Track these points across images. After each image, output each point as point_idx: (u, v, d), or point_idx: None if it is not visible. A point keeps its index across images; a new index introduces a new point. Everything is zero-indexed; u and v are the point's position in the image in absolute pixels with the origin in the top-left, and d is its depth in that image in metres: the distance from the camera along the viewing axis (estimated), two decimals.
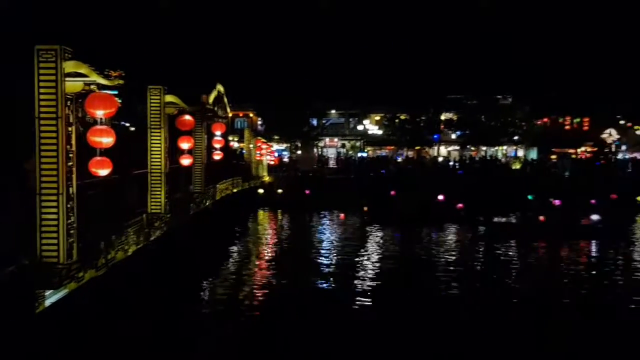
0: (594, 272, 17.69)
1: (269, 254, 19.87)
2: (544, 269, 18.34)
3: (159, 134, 14.18)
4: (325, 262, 18.25)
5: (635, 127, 61.94)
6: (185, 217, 17.15)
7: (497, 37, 58.01)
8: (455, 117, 55.41)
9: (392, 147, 57.68)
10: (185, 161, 17.39)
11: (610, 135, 61.46)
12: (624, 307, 13.58)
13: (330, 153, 58.45)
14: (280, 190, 34.71)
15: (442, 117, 55.86)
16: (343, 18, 59.47)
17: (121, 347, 9.60)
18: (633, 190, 32.45)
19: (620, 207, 30.39)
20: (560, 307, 13.54)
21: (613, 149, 60.58)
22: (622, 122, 64.59)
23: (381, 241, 21.84)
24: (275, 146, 53.65)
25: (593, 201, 30.88)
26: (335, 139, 60.66)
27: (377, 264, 17.72)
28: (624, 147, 62.94)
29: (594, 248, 21.20)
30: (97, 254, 9.86)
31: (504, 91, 54.30)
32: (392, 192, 32.60)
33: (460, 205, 28.64)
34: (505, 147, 58.56)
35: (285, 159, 53.15)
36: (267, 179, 37.79)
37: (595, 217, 23.34)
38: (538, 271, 18.01)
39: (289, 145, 55.91)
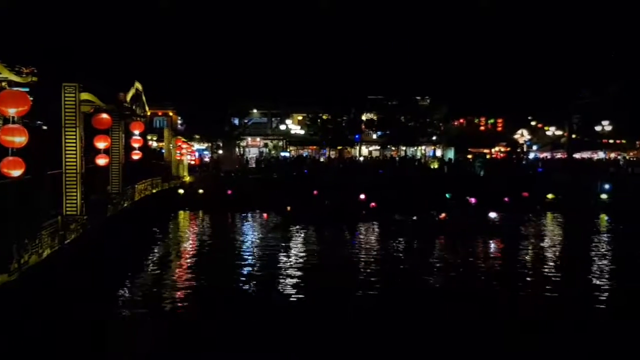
0: (469, 262, 18.34)
1: (189, 256, 19.49)
2: (416, 263, 18.55)
3: (73, 133, 13.68)
4: (246, 262, 18.10)
5: (546, 128, 65.20)
6: (102, 219, 16.65)
7: (416, 38, 59.48)
8: (376, 118, 56.42)
9: (315, 147, 58.12)
10: (102, 161, 16.90)
11: (523, 135, 64.47)
12: (481, 292, 14.63)
13: (253, 153, 58.24)
14: (201, 191, 34.19)
15: (364, 117, 56.75)
16: (265, 16, 59.27)
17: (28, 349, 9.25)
18: (543, 188, 34.04)
19: (530, 205, 31.84)
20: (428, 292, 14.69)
21: (525, 149, 63.56)
22: (533, 123, 67.88)
23: (303, 241, 21.90)
24: (196, 146, 52.83)
25: (506, 199, 32.19)
26: (258, 139, 60.44)
27: (299, 264, 17.73)
28: (535, 147, 66.19)
29: (482, 243, 21.64)
30: (9, 258, 9.44)
31: (422, 92, 55.76)
32: (315, 192, 32.83)
33: (373, 204, 29.11)
34: (424, 147, 60.26)
35: (207, 159, 52.51)
36: (187, 179, 37.15)
37: (493, 214, 24.06)
38: (412, 265, 18.30)
39: (210, 144, 55.23)
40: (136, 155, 21.79)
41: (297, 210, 27.34)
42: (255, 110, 58.18)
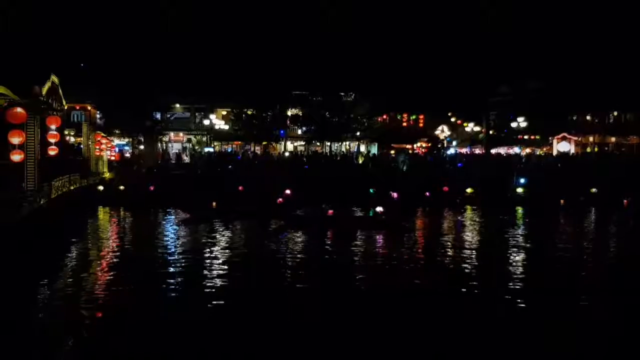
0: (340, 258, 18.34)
1: (108, 255, 18.71)
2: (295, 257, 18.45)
3: None
4: (167, 262, 17.56)
5: (465, 124, 67.40)
6: (17, 217, 15.83)
7: (339, 34, 60.05)
8: (301, 113, 56.55)
9: (239, 142, 57.66)
10: (16, 157, 16.07)
11: (443, 131, 66.41)
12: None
13: (176, 148, 57.12)
14: (122, 187, 33.14)
15: (289, 113, 56.77)
16: (188, 9, 58.24)
17: None
18: (463, 183, 35.14)
19: (450, 199, 32.81)
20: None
21: (445, 144, 65.45)
22: (453, 119, 70.04)
23: (226, 239, 21.53)
24: (116, 141, 51.39)
25: (427, 193, 33.04)
26: (181, 134, 59.36)
27: (220, 262, 17.40)
28: (454, 143, 68.28)
29: (365, 238, 21.51)
30: None
31: (346, 88, 56.33)
32: (240, 188, 32.54)
33: (280, 199, 28.76)
34: (348, 143, 60.97)
35: (127, 154, 51.09)
36: (107, 175, 35.96)
37: (379, 209, 24.41)
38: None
39: (131, 140, 53.71)
40: (53, 151, 20.90)
41: (221, 206, 26.98)
42: (178, 105, 57.07)
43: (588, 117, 67.59)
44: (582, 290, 14.27)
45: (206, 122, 56.32)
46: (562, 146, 57.50)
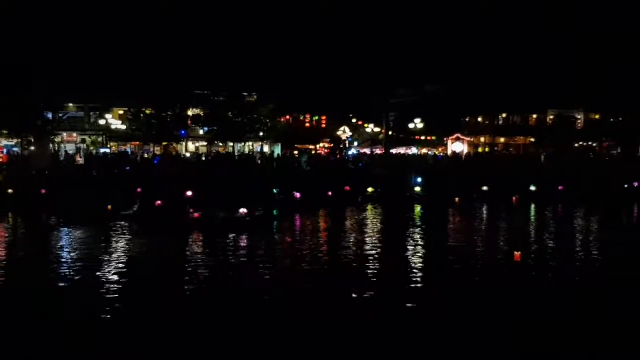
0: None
1: None
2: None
3: None
4: (61, 266, 16.69)
5: (365, 125, 68.82)
6: None
7: (242, 35, 59.52)
8: (202, 113, 55.53)
9: (138, 143, 55.79)
10: None
11: (344, 132, 67.46)
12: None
13: (69, 148, 54.38)
14: (10, 190, 31.12)
15: (190, 113, 55.59)
16: (82, 4, 55.60)
17: None
18: (364, 182, 35.78)
19: (352, 198, 33.32)
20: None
21: (347, 145, 66.53)
22: (354, 120, 71.35)
23: (121, 243, 20.68)
24: (4, 142, 48.39)
25: (329, 193, 33.36)
26: (74, 134, 56.62)
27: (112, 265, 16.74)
28: (355, 143, 69.56)
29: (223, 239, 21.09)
30: None
31: (249, 89, 55.96)
32: (139, 190, 31.48)
33: (158, 202, 27.98)
34: (251, 143, 60.56)
35: (16, 155, 48.14)
36: None
37: (243, 210, 24.37)
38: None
39: (19, 140, 50.63)
40: None
41: (118, 208, 25.91)
42: (71, 104, 54.41)
43: (479, 119, 71.10)
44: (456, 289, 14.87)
45: (102, 121, 54.01)
46: (456, 146, 60.11)
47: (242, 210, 23.99)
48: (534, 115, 68.62)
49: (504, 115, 69.83)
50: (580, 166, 44.01)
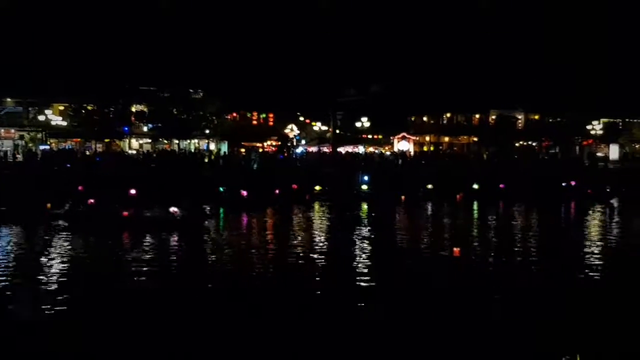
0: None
1: None
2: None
3: None
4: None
5: (313, 123, 68.95)
6: None
7: (189, 31, 58.75)
8: (147, 109, 54.41)
9: (79, 140, 54.22)
10: None
11: (292, 130, 67.36)
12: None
13: (7, 146, 52.38)
14: None
15: (133, 109, 54.38)
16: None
17: None
18: (310, 180, 35.86)
19: (300, 196, 33.34)
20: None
21: (294, 143, 66.44)
22: (302, 118, 71.38)
23: (65, 244, 20.05)
24: None
25: (277, 191, 33.28)
26: (12, 130, 54.52)
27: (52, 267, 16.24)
28: (303, 142, 69.56)
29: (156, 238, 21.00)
30: None
31: (195, 85, 55.21)
32: (80, 188, 30.62)
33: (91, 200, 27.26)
34: (197, 141, 59.74)
35: None
36: None
37: (173, 209, 24.06)
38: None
39: None
40: None
41: (56, 207, 25.10)
42: (8, 99, 52.45)
43: (425, 119, 72.34)
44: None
45: (41, 117, 52.22)
46: (402, 145, 60.93)
47: (173, 209, 23.51)
48: (477, 116, 70.25)
49: (448, 115, 71.24)
50: (521, 165, 45.33)
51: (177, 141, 55.75)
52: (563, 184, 37.23)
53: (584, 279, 15.18)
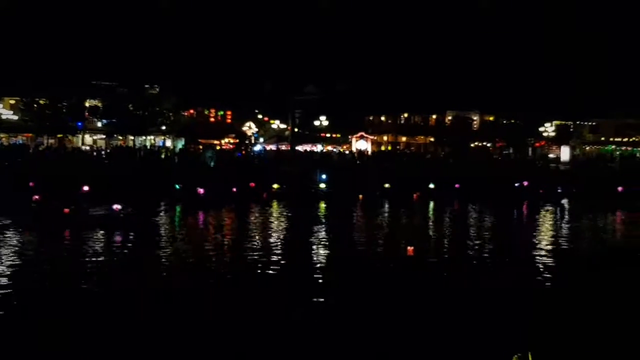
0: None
1: None
2: None
3: None
4: None
5: (271, 121, 68.76)
6: None
7: (145, 26, 57.78)
8: (101, 105, 53.31)
9: (30, 135, 52.74)
10: None
11: (250, 128, 67.05)
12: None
13: None
14: None
15: (87, 104, 53.21)
16: None
17: None
18: (270, 178, 35.72)
19: (257, 195, 33.17)
20: None
21: (253, 141, 66.18)
22: (260, 116, 71.11)
23: (18, 243, 19.43)
24: None
25: (234, 189, 33.04)
26: None
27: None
28: (261, 140, 69.33)
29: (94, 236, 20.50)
30: None
31: (151, 81, 54.39)
32: (31, 184, 29.84)
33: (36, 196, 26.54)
34: (153, 137, 58.87)
35: None
36: None
37: (117, 206, 23.60)
38: None
39: None
40: None
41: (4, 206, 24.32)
42: None
43: (382, 118, 72.98)
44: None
45: None
46: (360, 144, 61.32)
47: (116, 206, 22.90)
48: (434, 116, 71.25)
49: (405, 115, 72.05)
50: (476, 165, 46.15)
51: (132, 137, 54.81)
52: (516, 184, 38.06)
53: (534, 277, 15.50)
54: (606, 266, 17.54)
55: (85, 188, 28.46)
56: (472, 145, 66.58)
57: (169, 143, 58.94)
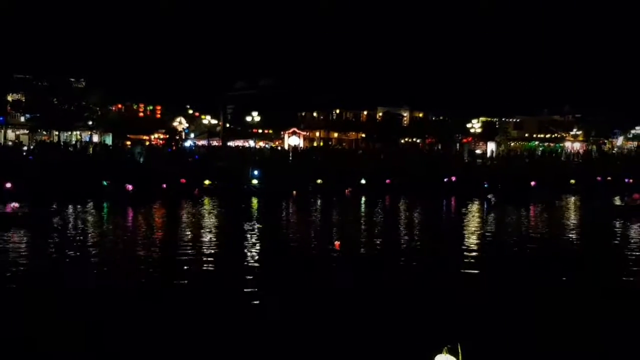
0: None
1: None
2: None
3: None
4: None
5: (202, 117, 67.84)
6: None
7: (69, 18, 55.89)
8: (23, 99, 51.21)
9: None
10: None
11: (181, 123, 65.94)
12: None
13: None
14: None
15: (9, 98, 51.01)
16: None
17: None
18: (202, 175, 35.31)
19: (188, 191, 32.75)
20: None
21: (183, 136, 65.14)
22: (190, 111, 70.07)
23: None
24: None
25: (164, 185, 32.53)
26: None
27: None
28: (192, 135, 68.35)
29: None
30: None
31: (76, 74, 52.69)
32: None
33: None
34: (79, 132, 57.03)
35: None
36: None
37: (14, 204, 22.56)
38: None
39: None
40: None
41: None
42: None
43: (315, 114, 73.39)
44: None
45: None
46: (292, 140, 61.47)
47: (14, 204, 21.71)
48: (365, 112, 72.20)
49: (337, 111, 72.70)
50: (406, 161, 47.14)
51: (57, 132, 52.94)
52: (444, 180, 39.18)
53: (461, 270, 15.98)
54: (525, 255, 18.44)
55: (8, 185, 27.35)
56: (402, 141, 67.90)
57: (96, 138, 57.20)
